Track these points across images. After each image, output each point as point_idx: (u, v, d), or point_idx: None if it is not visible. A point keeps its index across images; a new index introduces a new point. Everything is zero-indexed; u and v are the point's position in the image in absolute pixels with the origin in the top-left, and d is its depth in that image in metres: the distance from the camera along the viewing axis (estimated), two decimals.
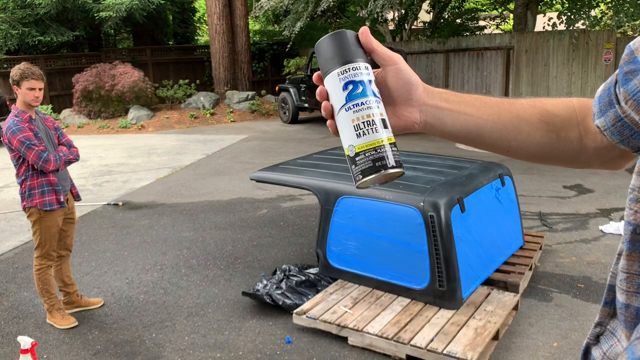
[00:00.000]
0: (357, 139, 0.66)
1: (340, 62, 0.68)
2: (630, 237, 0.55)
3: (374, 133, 0.66)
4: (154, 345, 3.44)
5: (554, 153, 0.76)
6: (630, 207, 0.55)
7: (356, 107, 0.67)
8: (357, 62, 0.68)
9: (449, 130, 0.73)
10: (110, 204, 6.83)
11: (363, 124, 0.66)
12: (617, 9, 10.03)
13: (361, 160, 0.66)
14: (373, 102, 0.67)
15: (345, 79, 0.68)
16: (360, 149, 0.66)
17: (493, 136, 0.74)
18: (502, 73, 11.08)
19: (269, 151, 10.09)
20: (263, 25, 22.41)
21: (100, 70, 14.18)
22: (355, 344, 3.26)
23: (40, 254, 3.63)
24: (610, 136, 0.68)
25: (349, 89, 0.67)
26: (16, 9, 14.91)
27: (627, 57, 0.64)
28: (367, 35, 0.69)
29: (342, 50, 0.68)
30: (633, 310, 0.55)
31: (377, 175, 0.65)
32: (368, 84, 0.68)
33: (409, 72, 0.71)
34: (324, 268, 3.97)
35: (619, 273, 0.57)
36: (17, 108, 3.51)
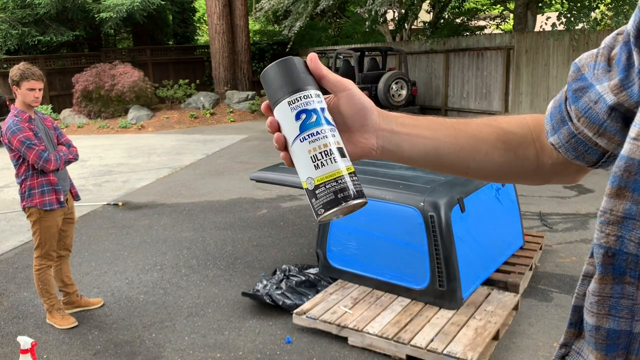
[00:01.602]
0: (316, 170, 0.63)
1: (290, 90, 0.65)
2: (602, 261, 0.54)
3: (333, 163, 0.62)
4: (154, 346, 3.44)
5: (512, 171, 0.75)
6: (602, 230, 0.54)
7: (311, 137, 0.63)
8: (308, 90, 0.65)
9: (407, 154, 0.71)
10: (110, 204, 6.83)
11: (320, 155, 0.63)
12: (617, 11, 10.03)
13: (322, 193, 0.62)
14: (328, 131, 0.64)
15: (297, 107, 0.64)
16: (319, 180, 0.63)
17: (451, 158, 0.73)
18: (502, 73, 11.08)
19: (269, 151, 10.08)
20: (263, 25, 22.41)
21: (100, 70, 14.18)
22: (355, 344, 3.26)
23: (40, 254, 3.62)
24: (565, 153, 0.68)
25: (302, 119, 0.64)
26: (16, 9, 14.91)
27: (574, 74, 0.64)
28: (316, 61, 0.67)
29: (291, 78, 0.65)
30: (604, 332, 0.55)
31: (339, 207, 0.62)
32: (321, 112, 0.64)
33: (362, 97, 0.68)
34: (324, 268, 3.97)
35: (589, 296, 0.56)
36: (16, 108, 3.51)
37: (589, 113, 0.61)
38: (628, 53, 0.57)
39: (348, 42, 17.87)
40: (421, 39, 13.55)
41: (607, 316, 0.54)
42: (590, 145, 0.64)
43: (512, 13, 13.35)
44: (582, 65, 0.63)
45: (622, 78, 0.57)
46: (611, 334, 0.53)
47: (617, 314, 0.53)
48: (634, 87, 0.56)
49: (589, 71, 0.62)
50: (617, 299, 0.54)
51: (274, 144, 0.67)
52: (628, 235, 0.52)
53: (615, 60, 0.60)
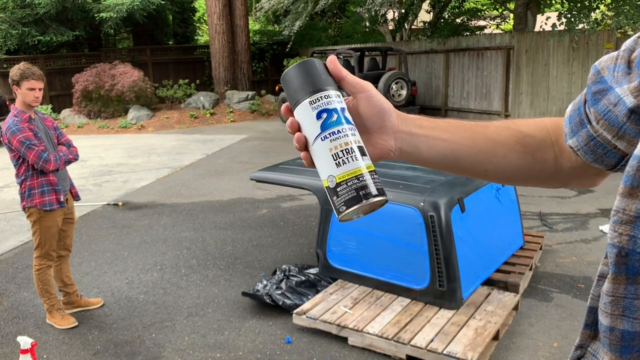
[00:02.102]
0: (337, 168, 0.64)
1: (311, 91, 0.66)
2: (615, 260, 0.54)
3: (354, 161, 0.63)
4: (153, 346, 3.44)
5: (531, 174, 0.75)
6: (615, 230, 0.54)
7: (332, 136, 0.64)
8: (329, 90, 0.66)
9: (425, 156, 0.72)
10: (110, 204, 6.83)
11: (342, 153, 0.64)
12: (617, 11, 10.02)
13: (343, 190, 0.63)
14: (349, 130, 0.65)
15: (318, 107, 0.65)
16: (341, 178, 0.63)
17: (469, 160, 0.73)
18: (502, 73, 11.08)
19: (269, 151, 10.08)
20: (263, 25, 22.41)
21: (100, 70, 14.18)
22: (355, 344, 3.26)
23: (40, 254, 3.62)
24: (583, 156, 0.68)
25: (323, 118, 0.65)
26: (16, 9, 14.91)
27: (594, 77, 0.64)
28: (336, 63, 0.68)
29: (311, 78, 0.67)
30: (618, 333, 0.54)
31: (361, 205, 0.63)
32: (341, 111, 0.66)
33: (381, 99, 0.69)
34: (324, 268, 3.97)
35: (603, 296, 0.56)
36: (16, 108, 3.50)
37: (608, 115, 0.61)
38: None
39: (348, 42, 17.87)
40: (421, 39, 13.55)
41: (621, 317, 0.54)
42: (609, 148, 0.64)
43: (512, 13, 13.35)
44: (601, 68, 0.63)
45: None
46: (625, 335, 0.53)
47: (631, 315, 0.53)
48: None
49: (608, 74, 0.62)
50: (631, 300, 0.53)
51: (294, 144, 0.67)
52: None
53: (635, 62, 0.59)
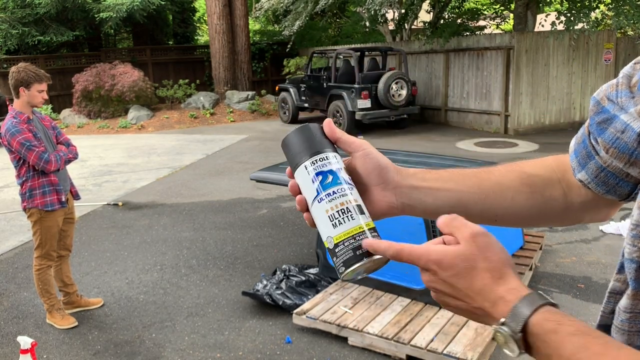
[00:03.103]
0: (334, 229, 0.64)
1: (307, 154, 0.68)
2: (634, 276, 0.52)
3: (351, 220, 0.64)
4: (154, 346, 3.44)
5: (542, 214, 0.74)
6: (634, 244, 0.53)
7: (329, 197, 0.65)
8: (325, 153, 0.68)
9: (431, 208, 0.71)
10: (110, 204, 6.83)
11: (338, 213, 0.64)
12: (617, 11, 10.02)
13: (341, 251, 0.63)
14: (346, 190, 0.66)
15: (314, 170, 0.67)
16: (338, 239, 0.64)
17: (478, 207, 0.72)
18: (502, 73, 11.08)
19: (269, 151, 10.09)
20: (263, 25, 22.41)
21: (100, 70, 14.18)
22: (355, 344, 3.26)
23: (40, 254, 3.62)
24: (595, 188, 0.67)
25: (319, 180, 0.66)
26: (16, 9, 14.91)
27: (595, 108, 0.64)
28: (331, 126, 0.70)
29: (308, 143, 0.68)
30: None
31: (360, 264, 0.63)
32: (338, 172, 0.67)
33: (378, 155, 0.70)
34: (324, 268, 3.97)
35: (620, 313, 0.55)
36: (14, 109, 3.48)
37: (617, 143, 0.60)
38: None
39: (348, 42, 17.86)
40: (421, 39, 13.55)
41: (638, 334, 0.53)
42: (621, 177, 0.63)
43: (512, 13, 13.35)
44: (601, 98, 0.63)
45: None
46: None
47: None
48: None
49: (609, 103, 0.62)
50: None
51: (296, 206, 0.69)
52: None
53: (637, 87, 0.59)
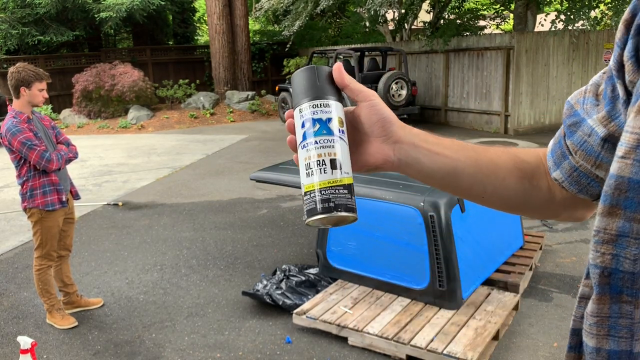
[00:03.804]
0: (306, 178, 0.64)
1: (307, 97, 0.67)
2: (598, 281, 0.54)
3: (322, 174, 0.63)
4: (154, 346, 3.44)
5: (527, 200, 0.76)
6: (597, 250, 0.54)
7: (308, 146, 0.65)
8: (320, 100, 0.66)
9: (426, 170, 0.71)
10: (110, 204, 6.83)
11: (312, 164, 0.64)
12: (617, 10, 10.02)
13: (307, 200, 0.64)
14: (328, 142, 0.64)
15: (303, 116, 0.66)
16: (306, 188, 0.64)
17: (470, 179, 0.72)
18: (502, 73, 11.08)
19: (269, 151, 10.09)
20: (263, 25, 22.41)
21: (100, 70, 14.18)
22: (355, 344, 3.26)
23: (40, 254, 3.62)
24: (569, 187, 0.69)
25: (305, 127, 0.65)
26: (16, 9, 14.91)
27: (568, 111, 0.67)
28: (341, 71, 0.69)
29: (310, 86, 0.67)
30: (605, 354, 0.55)
31: (316, 217, 0.63)
32: (327, 121, 0.65)
33: (384, 108, 0.69)
34: (324, 268, 3.97)
35: (587, 317, 0.56)
36: (14, 109, 3.48)
37: (584, 146, 0.64)
38: (612, 86, 0.59)
39: (348, 42, 17.86)
40: (421, 39, 13.54)
41: (607, 337, 0.54)
42: (592, 178, 0.66)
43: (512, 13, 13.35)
44: (574, 102, 0.67)
45: (609, 110, 0.60)
46: (612, 355, 0.53)
47: (616, 334, 0.53)
48: (621, 116, 0.58)
49: (580, 107, 0.65)
50: (615, 319, 0.53)
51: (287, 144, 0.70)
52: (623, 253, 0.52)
53: (602, 95, 0.62)
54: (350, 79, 0.70)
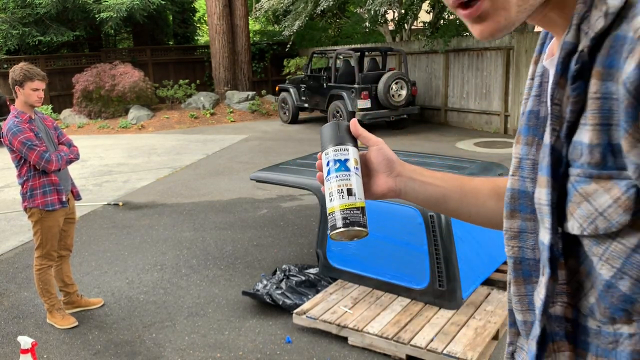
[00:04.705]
0: (330, 202, 0.86)
1: (332, 144, 0.90)
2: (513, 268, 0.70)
3: (341, 199, 0.85)
4: (154, 345, 3.44)
5: None
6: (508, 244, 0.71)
7: (330, 180, 0.87)
8: (340, 146, 0.89)
9: (421, 197, 0.90)
10: (111, 204, 6.83)
11: (334, 192, 0.86)
12: None
13: (330, 218, 0.86)
14: (346, 176, 0.86)
15: (328, 157, 0.89)
16: (330, 210, 0.86)
17: (456, 204, 0.90)
18: (502, 73, 11.08)
19: (269, 151, 10.09)
20: (263, 26, 22.41)
21: (101, 70, 14.18)
22: (355, 344, 3.26)
23: (40, 254, 3.63)
24: None
25: (329, 166, 0.88)
26: (16, 9, 14.91)
27: None
28: (355, 124, 0.90)
29: (334, 135, 0.91)
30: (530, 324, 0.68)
31: (338, 231, 0.84)
32: (346, 161, 0.88)
33: (388, 151, 0.90)
34: (324, 268, 3.97)
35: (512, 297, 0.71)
36: (16, 109, 3.50)
37: None
38: None
39: (348, 42, 17.86)
40: (421, 39, 13.54)
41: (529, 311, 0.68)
42: None
43: None
44: None
45: None
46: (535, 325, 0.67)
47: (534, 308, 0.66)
48: None
49: None
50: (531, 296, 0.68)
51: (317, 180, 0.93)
52: (525, 245, 0.69)
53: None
54: (362, 130, 0.90)
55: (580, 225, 0.58)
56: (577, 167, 0.58)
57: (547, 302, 0.63)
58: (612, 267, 0.56)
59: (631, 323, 0.57)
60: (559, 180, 0.60)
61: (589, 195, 0.56)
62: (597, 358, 0.61)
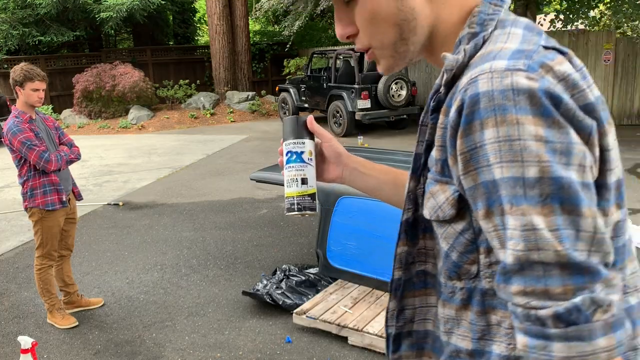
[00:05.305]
0: (287, 188, 1.05)
1: (291, 136, 1.06)
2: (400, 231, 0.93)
3: (295, 187, 1.04)
4: (154, 345, 3.45)
5: None
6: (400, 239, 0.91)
7: (289, 168, 1.05)
8: (298, 139, 1.05)
9: (361, 185, 1.10)
10: (111, 204, 6.84)
11: (290, 180, 1.04)
12: (616, 9, 10.03)
13: (287, 202, 1.05)
14: (300, 167, 1.04)
15: (286, 148, 1.06)
16: (286, 195, 1.05)
17: (389, 193, 1.09)
18: None
19: (269, 151, 10.09)
20: (263, 26, 22.41)
21: (101, 70, 14.18)
22: (355, 344, 3.27)
23: (41, 253, 3.63)
24: None
25: (287, 156, 1.05)
26: (16, 9, 14.91)
27: None
28: (312, 121, 1.07)
29: (294, 129, 1.06)
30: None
31: (293, 214, 1.04)
32: (302, 154, 1.05)
33: (338, 146, 1.08)
34: (324, 268, 3.98)
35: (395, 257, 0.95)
36: (17, 109, 3.51)
37: None
38: None
39: (348, 43, 17.84)
40: None
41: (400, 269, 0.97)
42: None
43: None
44: None
45: None
46: None
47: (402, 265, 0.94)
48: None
49: None
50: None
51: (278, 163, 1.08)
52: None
53: None
54: (317, 127, 1.07)
55: (429, 213, 0.81)
56: (431, 173, 0.80)
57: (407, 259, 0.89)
58: (447, 243, 0.80)
59: (461, 280, 0.80)
60: (418, 177, 0.84)
61: (433, 193, 0.79)
62: (442, 302, 0.85)
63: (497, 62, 0.67)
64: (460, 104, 0.68)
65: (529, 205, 0.64)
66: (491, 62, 0.68)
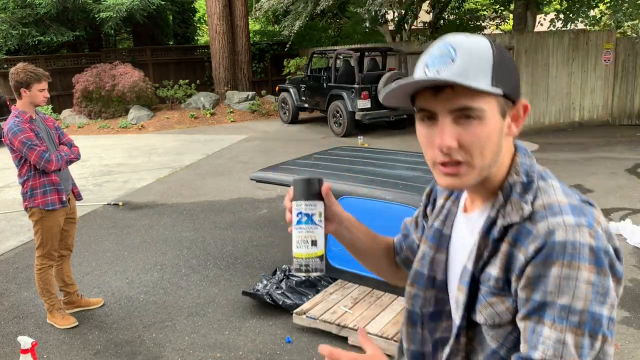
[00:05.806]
0: (296, 249, 1.07)
1: (299, 197, 1.07)
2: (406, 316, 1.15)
3: (305, 248, 1.06)
4: (154, 345, 3.44)
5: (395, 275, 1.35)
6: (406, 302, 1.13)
7: (298, 230, 1.07)
8: (310, 201, 1.07)
9: (345, 241, 1.24)
10: (111, 204, 6.83)
11: (299, 241, 1.07)
12: (616, 9, 10.03)
13: (296, 262, 1.08)
14: (310, 228, 1.07)
15: (297, 209, 1.07)
16: (295, 256, 1.07)
17: (363, 253, 1.29)
18: None
19: (269, 151, 10.09)
20: (263, 26, 22.41)
21: (101, 70, 14.18)
22: (355, 344, 3.26)
23: (41, 253, 3.63)
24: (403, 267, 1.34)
25: (298, 217, 1.07)
26: (16, 9, 14.91)
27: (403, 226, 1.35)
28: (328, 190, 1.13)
29: (307, 190, 1.08)
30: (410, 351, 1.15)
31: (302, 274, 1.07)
32: (312, 216, 1.07)
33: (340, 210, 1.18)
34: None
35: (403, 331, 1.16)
36: (17, 109, 3.50)
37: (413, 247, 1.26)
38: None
39: (348, 43, 17.86)
40: (421, 39, 13.54)
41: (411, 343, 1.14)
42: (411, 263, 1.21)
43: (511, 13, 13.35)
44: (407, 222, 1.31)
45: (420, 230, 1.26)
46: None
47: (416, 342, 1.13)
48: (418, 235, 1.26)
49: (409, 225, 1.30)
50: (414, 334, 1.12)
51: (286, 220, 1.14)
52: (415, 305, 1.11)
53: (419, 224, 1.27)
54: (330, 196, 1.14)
55: (485, 319, 0.96)
56: (485, 286, 0.96)
57: (450, 356, 1.03)
58: (497, 342, 0.97)
59: None
60: (471, 290, 0.98)
61: (492, 304, 0.95)
62: None
63: (567, 218, 0.88)
64: (540, 246, 0.87)
65: (567, 327, 0.85)
66: (562, 217, 0.88)
